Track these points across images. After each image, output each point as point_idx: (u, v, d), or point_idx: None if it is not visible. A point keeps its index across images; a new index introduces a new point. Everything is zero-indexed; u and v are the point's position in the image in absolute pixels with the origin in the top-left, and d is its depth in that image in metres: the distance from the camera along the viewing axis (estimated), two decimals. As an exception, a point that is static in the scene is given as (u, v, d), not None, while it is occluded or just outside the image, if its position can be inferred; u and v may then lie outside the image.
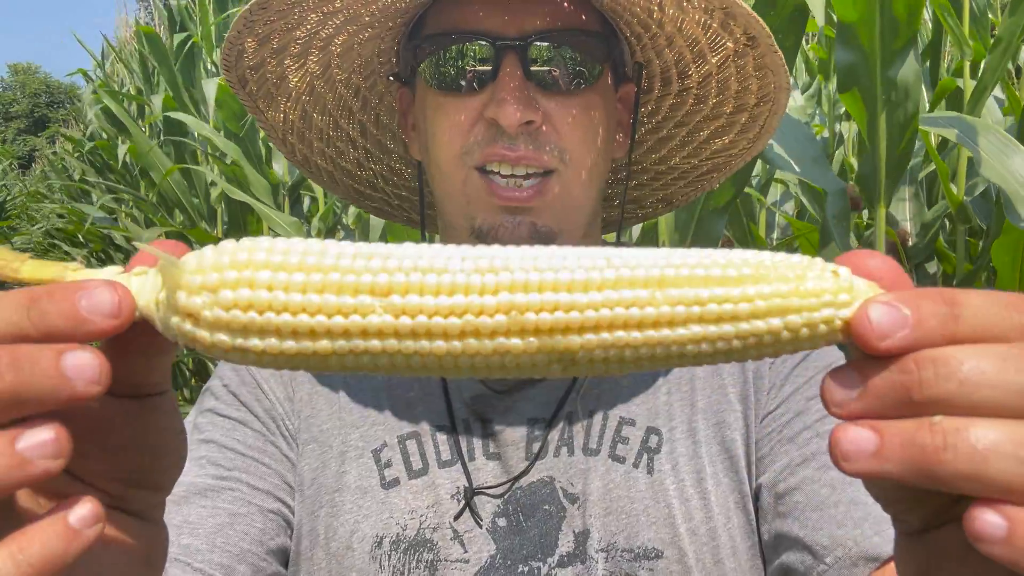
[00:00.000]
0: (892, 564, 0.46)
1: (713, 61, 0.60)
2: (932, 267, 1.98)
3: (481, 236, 0.59)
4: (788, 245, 2.11)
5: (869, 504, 0.52)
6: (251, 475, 0.61)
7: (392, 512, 0.60)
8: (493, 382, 0.64)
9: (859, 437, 0.27)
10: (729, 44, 0.58)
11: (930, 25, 2.03)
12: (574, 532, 0.60)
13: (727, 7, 0.55)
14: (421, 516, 0.61)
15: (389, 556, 0.59)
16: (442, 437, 0.62)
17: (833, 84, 2.12)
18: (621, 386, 0.64)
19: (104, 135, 4.89)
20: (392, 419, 0.63)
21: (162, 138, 3.40)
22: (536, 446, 0.62)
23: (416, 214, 0.73)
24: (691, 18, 0.57)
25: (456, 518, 0.60)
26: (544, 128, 0.57)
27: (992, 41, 1.51)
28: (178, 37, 3.40)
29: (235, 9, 2.90)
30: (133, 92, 4.21)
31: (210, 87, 2.84)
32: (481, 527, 0.60)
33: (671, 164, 0.71)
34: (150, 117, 3.16)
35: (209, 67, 3.37)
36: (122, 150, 3.96)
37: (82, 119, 6.59)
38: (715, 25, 0.57)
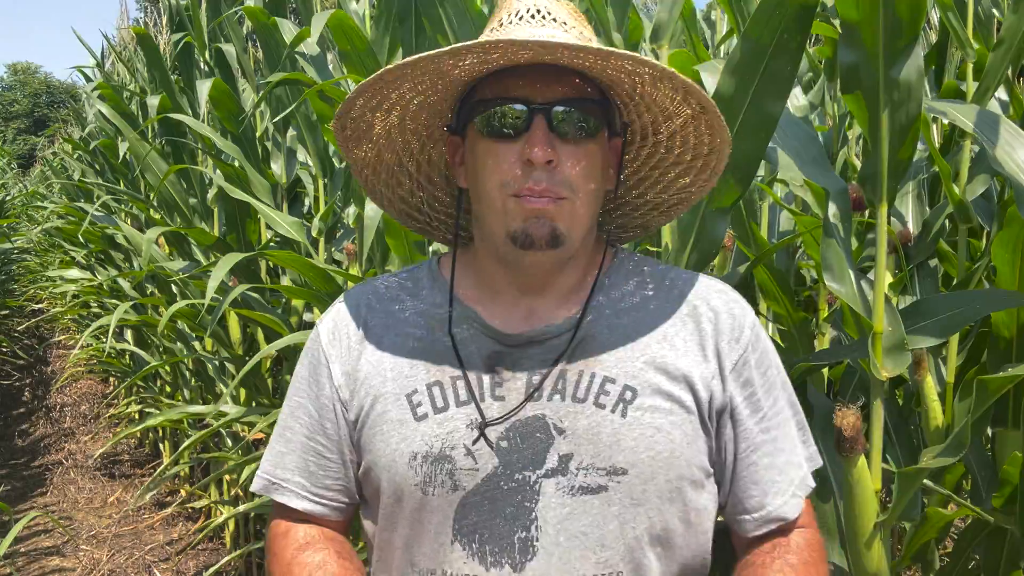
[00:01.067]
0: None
1: (677, 123, 0.88)
2: (932, 264, 1.97)
3: (514, 237, 0.83)
4: (791, 243, 2.11)
5: (786, 488, 0.88)
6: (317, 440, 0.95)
7: (423, 436, 0.85)
8: (507, 341, 0.87)
9: None
10: (687, 111, 0.86)
11: (936, 27, 2.02)
12: (559, 454, 0.83)
13: (686, 87, 0.82)
14: (443, 439, 0.85)
15: (421, 466, 0.85)
16: (460, 384, 0.86)
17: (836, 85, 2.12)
18: (605, 353, 0.86)
19: (104, 135, 4.88)
20: (421, 372, 0.88)
21: (161, 139, 3.39)
22: (533, 391, 0.85)
23: (450, 234, 1.02)
24: (661, 92, 0.84)
25: (474, 443, 0.84)
26: (559, 168, 0.82)
27: (995, 42, 1.50)
28: (175, 37, 3.39)
29: (230, 11, 2.88)
30: (135, 91, 4.19)
31: (203, 88, 2.83)
32: (488, 447, 0.84)
33: (647, 198, 0.98)
34: (149, 119, 3.14)
35: (203, 67, 3.35)
36: (122, 149, 3.95)
37: (81, 120, 6.58)
38: (678, 98, 0.84)
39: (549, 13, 0.86)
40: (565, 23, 0.86)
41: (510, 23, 0.86)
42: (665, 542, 0.85)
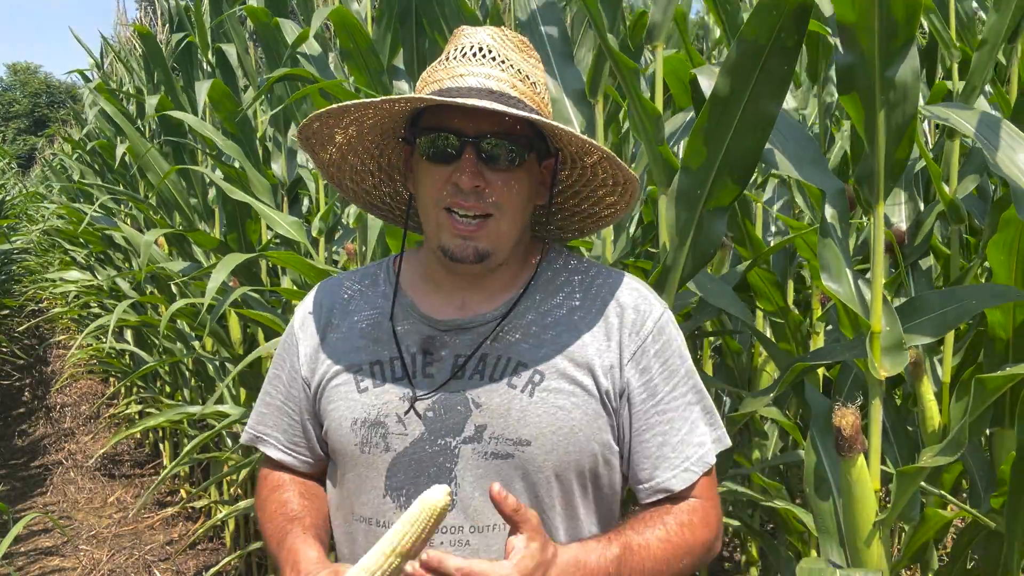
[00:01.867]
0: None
1: (593, 158, 1.01)
2: (927, 263, 1.97)
3: (444, 251, 0.97)
4: (785, 247, 2.11)
5: (677, 463, 0.99)
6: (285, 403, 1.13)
7: (362, 406, 1.01)
8: (439, 326, 1.01)
9: None
10: (597, 153, 0.98)
11: (926, 29, 2.03)
12: (475, 425, 0.97)
13: (585, 144, 0.96)
14: (378, 408, 1.00)
15: (360, 429, 1.00)
16: (396, 363, 1.01)
17: (821, 85, 2.12)
18: (521, 344, 1.00)
19: (104, 135, 4.88)
20: (366, 353, 1.03)
21: (160, 139, 3.39)
22: (457, 371, 0.99)
23: (411, 221, 1.15)
24: (573, 139, 0.96)
25: (405, 413, 0.98)
26: (486, 190, 0.95)
27: (978, 42, 1.50)
28: (175, 37, 3.39)
29: (231, 10, 2.89)
30: (132, 92, 4.20)
31: (201, 88, 2.83)
32: (416, 416, 0.98)
33: (582, 208, 1.11)
34: (146, 117, 3.14)
35: (204, 68, 3.35)
36: (120, 150, 3.95)
37: (80, 120, 6.58)
38: (586, 144, 0.97)
39: (490, 52, 0.98)
40: (504, 60, 0.98)
41: (455, 58, 0.99)
42: (567, 504, 0.99)
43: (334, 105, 0.96)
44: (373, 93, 1.98)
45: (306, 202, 3.27)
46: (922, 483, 1.37)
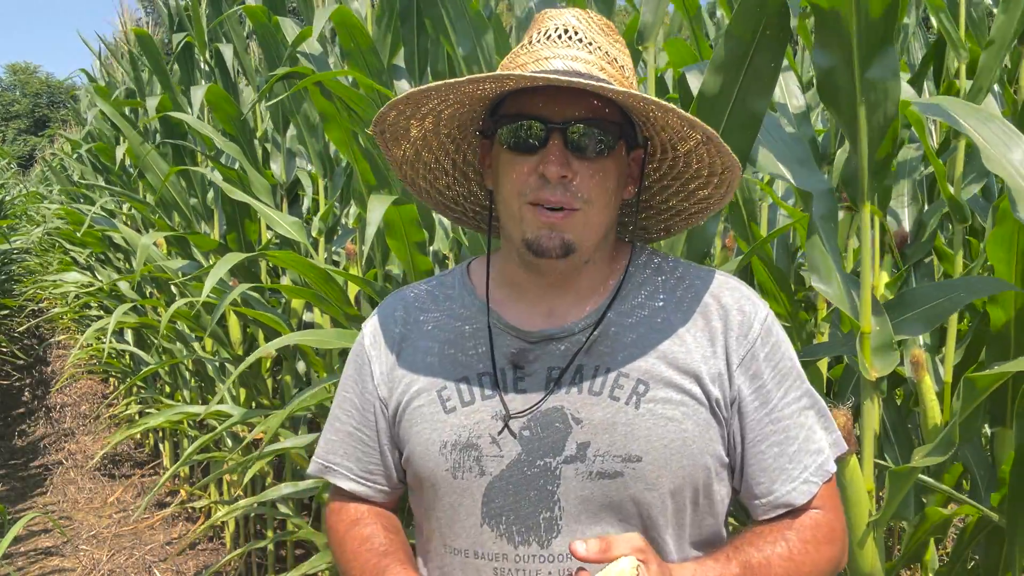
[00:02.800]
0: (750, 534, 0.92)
1: (690, 143, 0.92)
2: (929, 262, 1.97)
3: (529, 244, 0.90)
4: (791, 241, 2.11)
5: (796, 475, 0.92)
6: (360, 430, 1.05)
7: (451, 427, 0.93)
8: (528, 338, 0.94)
9: None
10: (696, 136, 0.91)
11: (934, 28, 2.02)
12: (577, 442, 0.89)
13: (691, 121, 0.87)
14: (470, 429, 0.92)
15: (451, 453, 0.93)
16: (486, 379, 0.94)
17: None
18: (618, 350, 0.92)
19: (104, 136, 4.87)
20: (450, 370, 0.96)
21: (159, 139, 3.39)
22: (552, 385, 0.91)
23: (484, 224, 1.09)
24: (671, 119, 0.89)
25: (499, 433, 0.91)
26: (574, 181, 0.88)
27: (987, 41, 1.50)
28: (176, 37, 3.39)
29: (230, 11, 2.88)
30: (130, 101, 4.19)
31: (197, 93, 2.82)
32: (511, 436, 0.91)
33: (670, 205, 1.03)
34: (144, 119, 3.14)
35: (203, 68, 3.35)
36: (120, 151, 3.94)
37: (81, 120, 6.57)
38: (685, 127, 0.90)
39: (576, 33, 0.92)
40: (591, 43, 0.92)
41: (539, 42, 0.93)
42: (679, 523, 0.92)
43: (414, 89, 0.89)
44: (379, 87, 1.97)
45: (306, 202, 3.26)
46: (926, 480, 1.36)
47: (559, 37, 0.92)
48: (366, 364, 1.02)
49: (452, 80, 0.86)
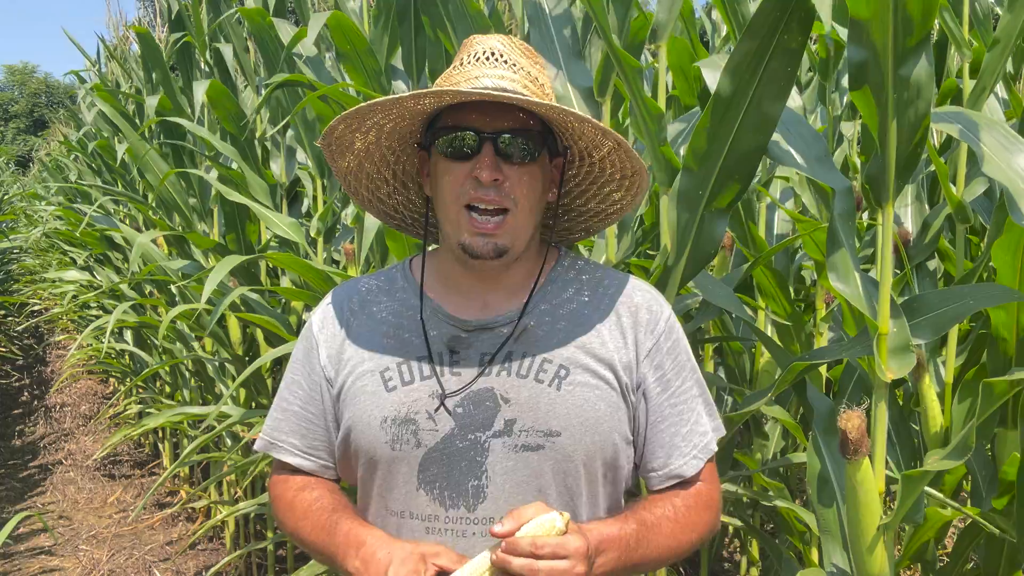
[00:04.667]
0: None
1: (604, 150, 1.06)
2: (932, 264, 1.97)
3: (465, 248, 1.02)
4: (791, 244, 2.10)
5: (687, 451, 1.07)
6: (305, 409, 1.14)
7: (392, 404, 1.04)
8: (464, 327, 1.05)
9: None
10: (609, 143, 1.04)
11: (937, 26, 2.02)
12: (504, 419, 1.01)
13: (603, 129, 1.00)
14: (408, 406, 1.03)
15: (390, 427, 1.03)
16: (424, 362, 1.05)
17: (831, 84, 2.11)
18: (543, 339, 1.05)
19: (102, 136, 4.86)
20: (392, 353, 1.06)
21: (159, 140, 3.38)
22: (484, 368, 1.03)
23: (421, 230, 1.19)
24: (586, 129, 1.02)
25: (435, 410, 1.02)
26: (505, 184, 1.00)
27: (991, 41, 1.49)
28: (174, 37, 3.38)
29: (229, 11, 2.87)
30: (130, 93, 4.18)
31: (199, 88, 2.81)
32: (446, 412, 1.02)
33: (588, 207, 1.16)
34: (148, 121, 3.13)
35: (202, 67, 3.34)
36: (120, 151, 3.93)
37: (78, 120, 6.55)
38: (599, 135, 1.03)
39: (501, 55, 1.04)
40: (515, 64, 1.04)
41: (469, 63, 1.04)
42: (591, 492, 1.05)
43: (362, 104, 1.00)
44: (373, 94, 1.97)
45: (306, 202, 3.25)
46: (927, 489, 1.36)
47: (487, 59, 1.04)
48: (314, 348, 1.12)
49: (395, 96, 0.98)
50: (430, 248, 1.15)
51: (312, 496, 1.10)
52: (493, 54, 1.04)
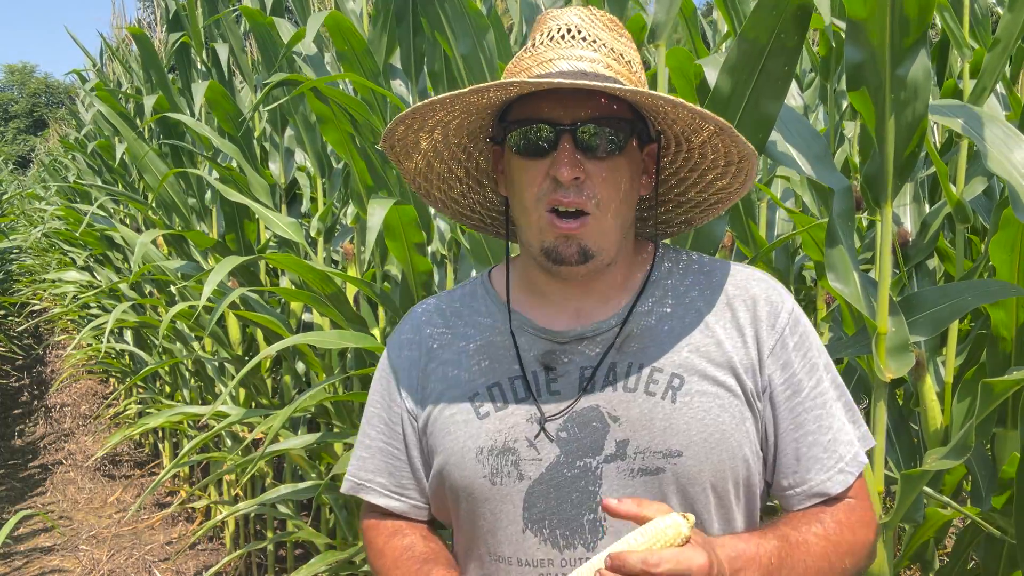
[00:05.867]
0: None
1: (703, 135, 0.92)
2: (931, 264, 1.97)
3: (547, 252, 0.90)
4: (792, 245, 2.10)
5: (830, 464, 0.91)
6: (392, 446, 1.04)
7: (487, 433, 0.92)
8: (558, 339, 0.93)
9: None
10: (710, 127, 0.90)
11: (939, 26, 2.01)
12: (616, 441, 0.88)
13: (702, 113, 0.86)
14: (505, 434, 0.91)
15: (487, 459, 0.91)
16: (518, 383, 0.93)
17: (832, 83, 2.11)
18: (650, 347, 0.92)
19: (102, 135, 4.86)
20: (481, 377, 0.95)
21: (159, 139, 3.38)
22: (586, 384, 0.91)
23: (502, 230, 1.08)
24: (681, 113, 0.88)
25: (535, 436, 0.90)
26: (587, 182, 0.87)
27: (991, 41, 1.49)
28: (172, 36, 3.38)
29: (227, 10, 2.87)
30: (130, 92, 4.18)
31: (198, 90, 2.81)
32: (548, 439, 0.90)
33: (688, 196, 1.02)
34: (147, 120, 3.12)
35: (199, 67, 3.34)
36: (119, 151, 3.93)
37: (78, 120, 6.55)
38: (697, 119, 0.89)
39: (579, 32, 0.91)
40: (596, 40, 0.91)
41: (543, 44, 0.92)
42: (724, 517, 0.91)
43: (419, 103, 0.89)
44: (374, 86, 1.96)
45: (305, 202, 3.26)
46: (926, 489, 1.36)
47: (562, 38, 0.91)
48: (392, 378, 1.02)
49: (455, 92, 0.86)
50: (510, 255, 1.02)
51: (404, 543, 0.99)
52: (570, 31, 0.90)
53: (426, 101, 0.88)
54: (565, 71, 0.88)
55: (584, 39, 0.91)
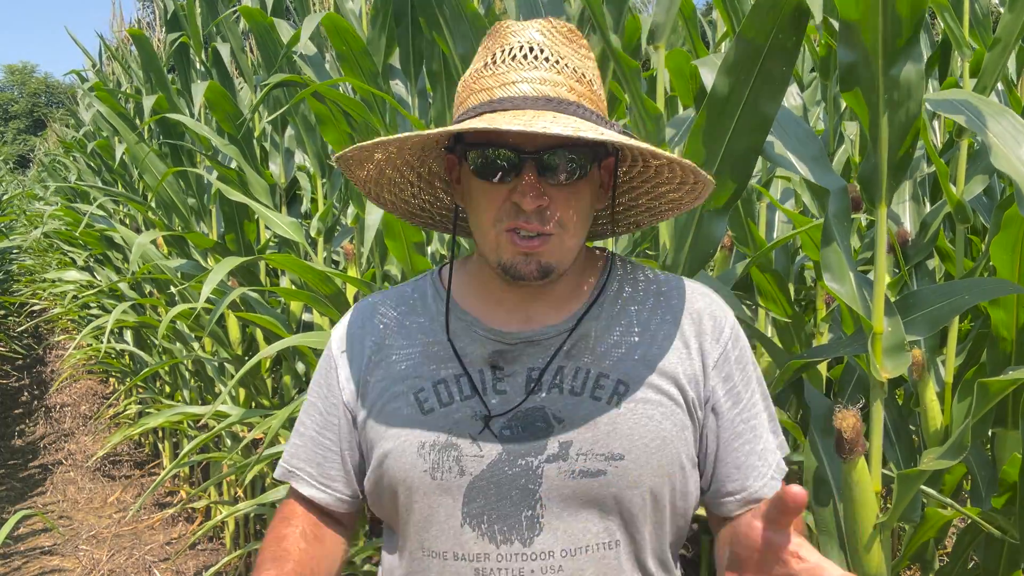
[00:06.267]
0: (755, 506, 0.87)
1: (662, 159, 0.92)
2: (931, 264, 1.96)
3: (505, 268, 0.90)
4: (791, 245, 2.10)
5: (765, 471, 0.95)
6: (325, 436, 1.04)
7: (430, 427, 0.92)
8: (506, 339, 0.94)
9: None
10: (678, 165, 0.91)
11: (940, 26, 2.01)
12: (559, 441, 0.90)
13: (667, 159, 0.89)
14: (449, 429, 0.91)
15: (429, 453, 0.91)
16: (463, 380, 0.93)
17: (833, 83, 2.11)
18: (598, 353, 0.93)
19: (101, 135, 4.86)
20: (427, 373, 0.95)
21: (159, 140, 3.38)
22: (532, 385, 0.92)
23: (451, 225, 1.08)
24: (647, 152, 0.88)
25: (479, 433, 0.90)
26: (549, 208, 0.87)
27: (991, 40, 1.49)
28: (171, 36, 3.38)
29: (228, 11, 2.87)
30: (129, 92, 4.18)
31: (197, 90, 2.81)
32: (492, 436, 0.90)
33: (640, 202, 1.04)
34: (145, 121, 3.12)
35: (198, 67, 3.34)
36: (119, 151, 3.93)
37: (78, 120, 6.55)
38: (661, 158, 0.90)
39: (542, 51, 0.89)
40: (558, 61, 0.89)
41: (503, 62, 0.90)
42: (656, 521, 0.93)
43: (382, 139, 0.88)
44: (373, 91, 1.96)
45: (304, 202, 3.26)
46: (925, 489, 1.36)
47: (524, 57, 0.89)
48: (333, 369, 1.02)
49: (418, 133, 0.85)
50: (461, 255, 1.03)
51: (281, 533, 0.99)
52: (532, 50, 0.89)
53: (388, 139, 0.88)
54: (528, 95, 0.87)
55: (547, 59, 0.89)
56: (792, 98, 1.84)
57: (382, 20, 2.10)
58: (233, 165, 3.00)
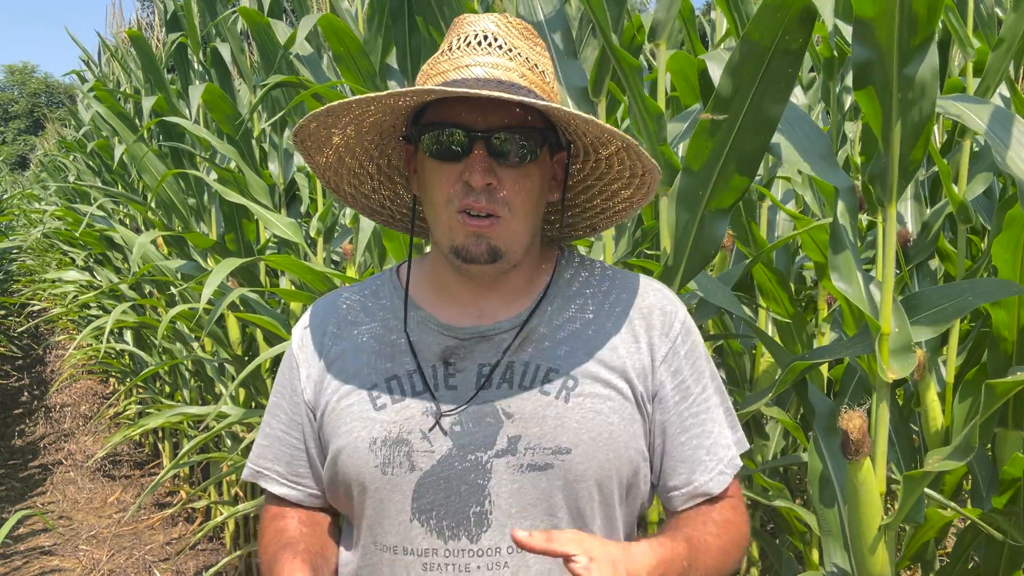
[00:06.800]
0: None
1: (611, 149, 0.96)
2: (932, 264, 1.96)
3: (457, 251, 0.92)
4: (792, 245, 2.10)
5: (713, 466, 0.97)
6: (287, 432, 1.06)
7: (382, 424, 0.94)
8: (459, 335, 0.96)
9: None
10: (616, 143, 0.93)
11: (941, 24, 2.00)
12: (508, 436, 0.91)
13: (609, 132, 0.89)
14: (400, 425, 0.93)
15: (380, 449, 0.93)
16: (416, 376, 0.95)
17: (836, 83, 2.10)
18: (548, 348, 0.95)
19: (102, 135, 4.85)
20: (380, 369, 0.97)
21: (159, 140, 3.37)
22: (483, 381, 0.94)
23: (415, 225, 1.09)
24: (591, 128, 0.91)
25: (430, 429, 0.92)
26: (497, 188, 0.90)
27: (996, 40, 1.48)
28: (171, 36, 3.37)
29: (226, 12, 2.87)
30: (129, 92, 4.17)
31: (195, 92, 2.80)
32: (442, 432, 0.92)
33: (594, 203, 1.05)
34: (146, 124, 3.12)
35: (196, 67, 3.33)
36: (118, 151, 3.93)
37: (77, 120, 6.55)
38: (605, 134, 0.91)
39: (496, 40, 0.93)
40: (511, 49, 0.93)
41: (459, 48, 0.94)
42: (606, 515, 0.95)
43: (335, 102, 0.90)
44: (367, 92, 1.96)
45: (305, 202, 3.25)
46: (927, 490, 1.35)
47: (479, 44, 0.93)
48: (294, 368, 1.03)
49: (373, 94, 0.87)
50: (419, 254, 1.05)
51: (278, 527, 1.02)
52: (487, 38, 0.92)
53: (342, 101, 0.89)
54: (481, 77, 0.90)
55: (500, 47, 0.93)
56: (795, 98, 1.84)
57: (378, 20, 2.09)
58: (232, 166, 2.99)
